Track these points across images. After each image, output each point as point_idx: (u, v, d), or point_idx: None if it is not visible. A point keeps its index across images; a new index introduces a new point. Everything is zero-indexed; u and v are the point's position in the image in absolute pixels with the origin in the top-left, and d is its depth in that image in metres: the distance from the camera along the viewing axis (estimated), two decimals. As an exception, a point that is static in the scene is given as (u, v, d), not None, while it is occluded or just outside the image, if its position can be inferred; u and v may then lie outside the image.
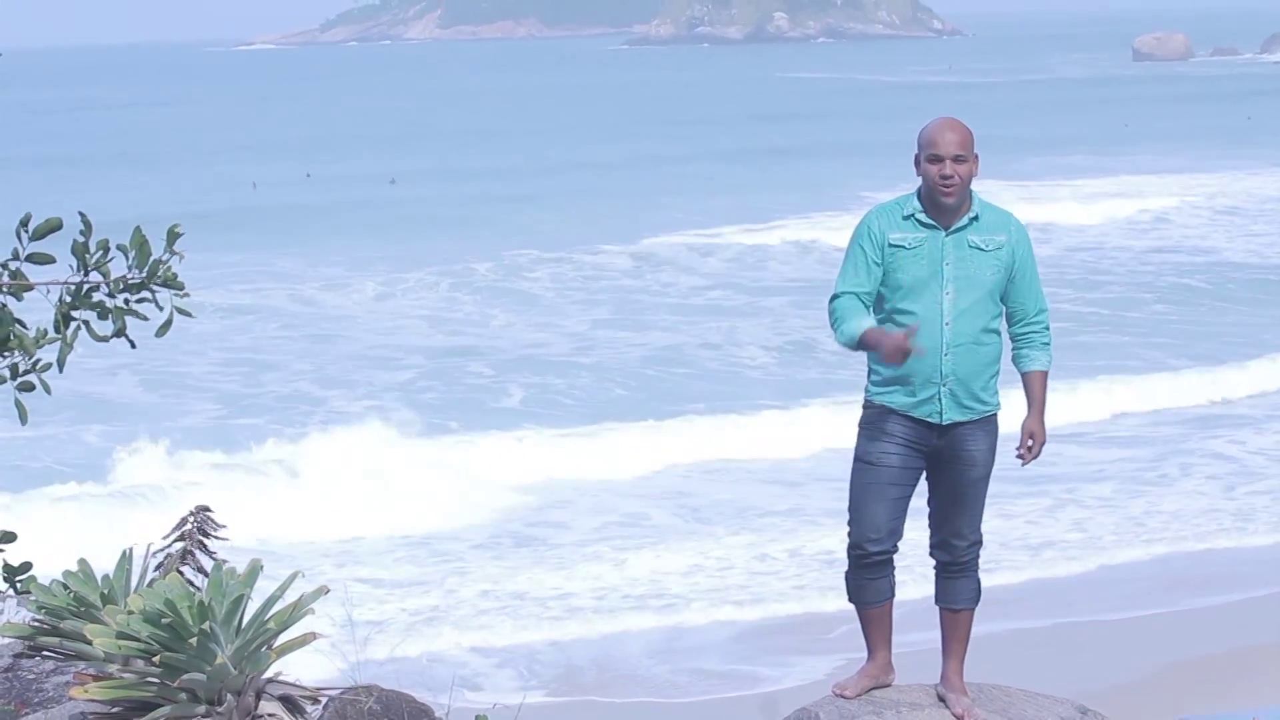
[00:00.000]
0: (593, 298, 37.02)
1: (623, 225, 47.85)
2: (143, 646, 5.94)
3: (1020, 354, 6.88)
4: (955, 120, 6.77)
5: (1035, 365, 6.86)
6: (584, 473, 22.59)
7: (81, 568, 6.54)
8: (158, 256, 4.85)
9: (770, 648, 16.08)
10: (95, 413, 26.09)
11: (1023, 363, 6.88)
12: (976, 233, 6.74)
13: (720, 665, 15.77)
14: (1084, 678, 14.22)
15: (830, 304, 6.75)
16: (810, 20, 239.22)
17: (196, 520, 8.37)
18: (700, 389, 27.69)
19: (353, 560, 19.06)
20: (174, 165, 72.72)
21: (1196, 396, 26.03)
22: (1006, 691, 7.24)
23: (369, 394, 27.74)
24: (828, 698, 7.04)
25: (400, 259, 42.22)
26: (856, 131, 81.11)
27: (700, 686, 15.30)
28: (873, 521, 6.82)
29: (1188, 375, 27.43)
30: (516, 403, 27.30)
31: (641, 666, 15.85)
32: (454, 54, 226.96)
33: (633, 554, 19.03)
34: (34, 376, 4.87)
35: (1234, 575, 17.92)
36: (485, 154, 73.97)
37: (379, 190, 60.59)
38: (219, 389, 28.38)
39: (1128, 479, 21.75)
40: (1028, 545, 18.95)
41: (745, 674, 15.51)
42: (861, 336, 6.57)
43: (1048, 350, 6.88)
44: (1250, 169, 60.27)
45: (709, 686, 15.29)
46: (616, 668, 15.87)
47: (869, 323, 6.61)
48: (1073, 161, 64.44)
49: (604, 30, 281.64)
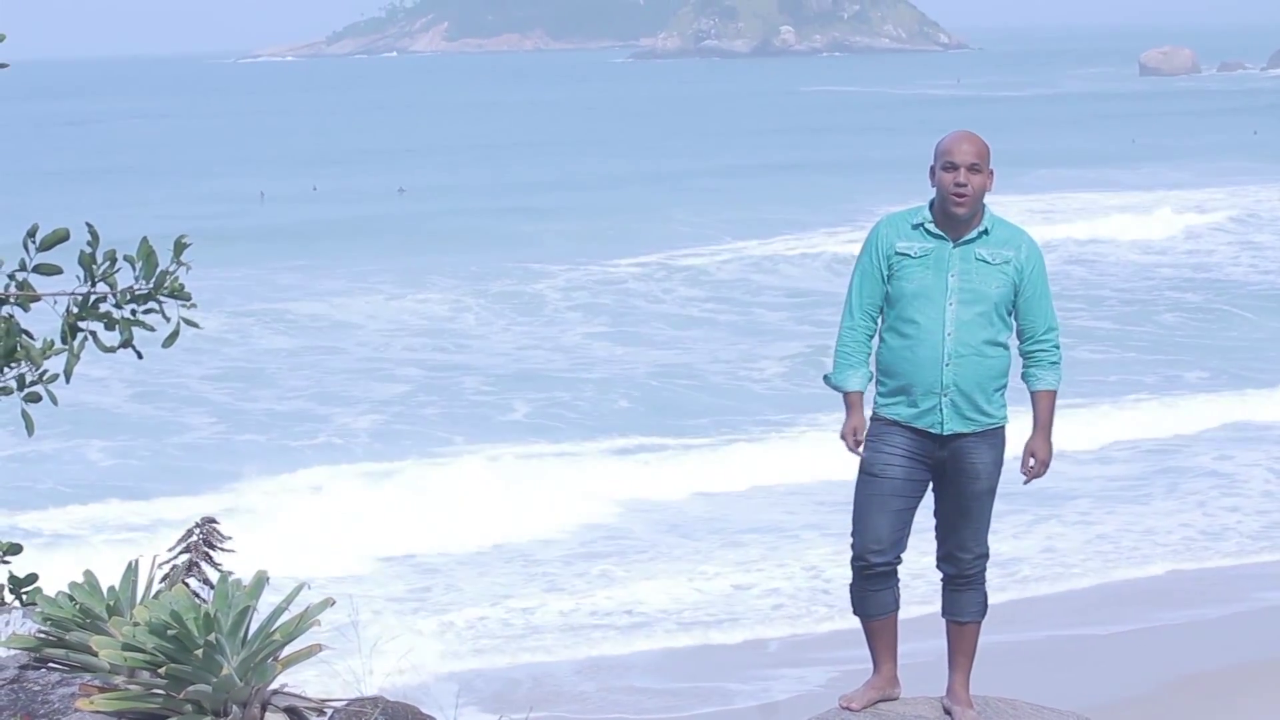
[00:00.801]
0: (630, 312, 36.88)
1: (655, 236, 47.94)
2: (148, 658, 5.94)
3: (1028, 373, 6.88)
4: (973, 133, 6.80)
5: (1041, 385, 6.85)
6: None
7: (87, 579, 6.55)
8: (165, 267, 4.86)
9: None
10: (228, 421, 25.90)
11: (1030, 382, 6.88)
12: (985, 246, 6.74)
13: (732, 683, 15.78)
14: (1089, 691, 14.20)
15: (841, 329, 6.86)
16: (816, 34, 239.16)
17: (202, 532, 8.37)
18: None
19: (360, 573, 19.04)
20: (179, 178, 72.74)
21: (1208, 415, 26.00)
22: (1012, 704, 7.22)
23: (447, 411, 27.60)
24: (834, 710, 7.02)
25: (435, 270, 42.11)
26: (868, 146, 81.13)
27: (709, 701, 15.30)
28: (875, 533, 6.81)
29: (1199, 392, 27.42)
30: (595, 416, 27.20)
31: (638, 682, 15.84)
32: (461, 67, 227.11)
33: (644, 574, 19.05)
34: (41, 388, 4.88)
35: (1238, 591, 17.91)
36: (495, 167, 73.97)
37: (387, 201, 60.66)
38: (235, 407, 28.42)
39: (1132, 493, 21.74)
40: (1032, 560, 18.94)
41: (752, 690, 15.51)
42: (845, 399, 6.84)
43: (1056, 370, 6.86)
44: (1259, 183, 60.27)
45: (718, 700, 15.30)
46: (610, 683, 15.87)
47: (856, 386, 6.82)
48: (1080, 175, 64.44)
49: (610, 43, 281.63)
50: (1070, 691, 13.36)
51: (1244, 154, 71.67)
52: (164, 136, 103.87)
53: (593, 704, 15.36)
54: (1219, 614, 17.13)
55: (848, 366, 6.82)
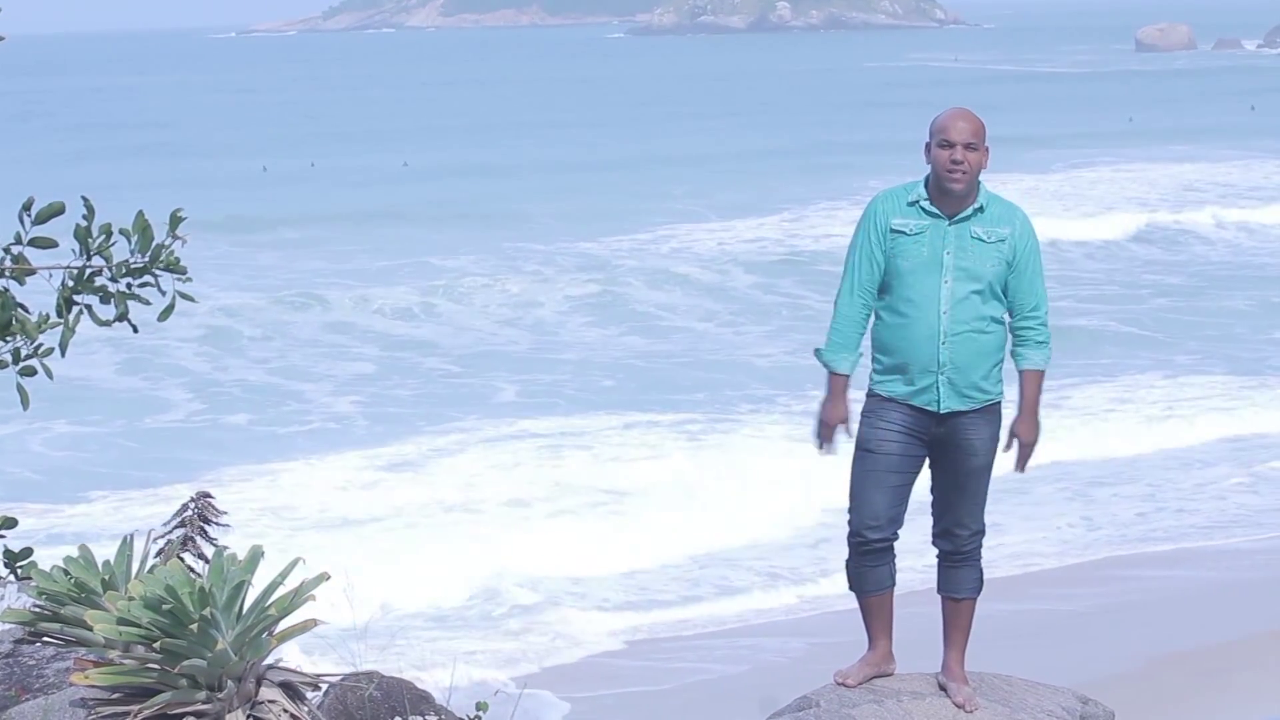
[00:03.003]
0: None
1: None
2: (143, 632, 5.94)
3: (1015, 352, 6.84)
4: (968, 110, 6.79)
5: (1028, 364, 6.83)
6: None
7: (82, 554, 6.55)
8: (160, 241, 4.85)
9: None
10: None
11: (1018, 361, 6.85)
12: (980, 224, 6.73)
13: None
14: (1085, 667, 14.21)
15: (838, 306, 6.82)
16: (813, 10, 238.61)
17: (197, 507, 8.37)
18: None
19: (355, 544, 19.04)
20: (175, 153, 72.55)
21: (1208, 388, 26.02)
22: (1008, 681, 7.23)
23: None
24: (829, 686, 7.04)
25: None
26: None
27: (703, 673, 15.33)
28: (871, 509, 6.81)
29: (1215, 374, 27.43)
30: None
31: (619, 662, 15.88)
32: (458, 42, 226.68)
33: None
34: (36, 361, 4.87)
35: (1237, 566, 17.94)
36: (494, 146, 73.71)
37: (392, 175, 60.42)
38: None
39: (1140, 472, 21.77)
40: (1032, 534, 18.96)
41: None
42: (829, 381, 6.79)
43: (1043, 349, 6.83)
44: (1255, 159, 60.26)
45: (712, 671, 15.32)
46: (596, 656, 15.91)
47: (846, 370, 6.79)
48: (1079, 153, 64.37)
49: (607, 19, 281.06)
50: (1066, 667, 13.37)
51: (1241, 130, 71.53)
52: (159, 111, 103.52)
53: (585, 677, 15.38)
54: (1216, 589, 17.16)
55: (842, 347, 6.79)
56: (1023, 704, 7.02)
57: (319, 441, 24.31)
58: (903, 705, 6.84)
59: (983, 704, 6.93)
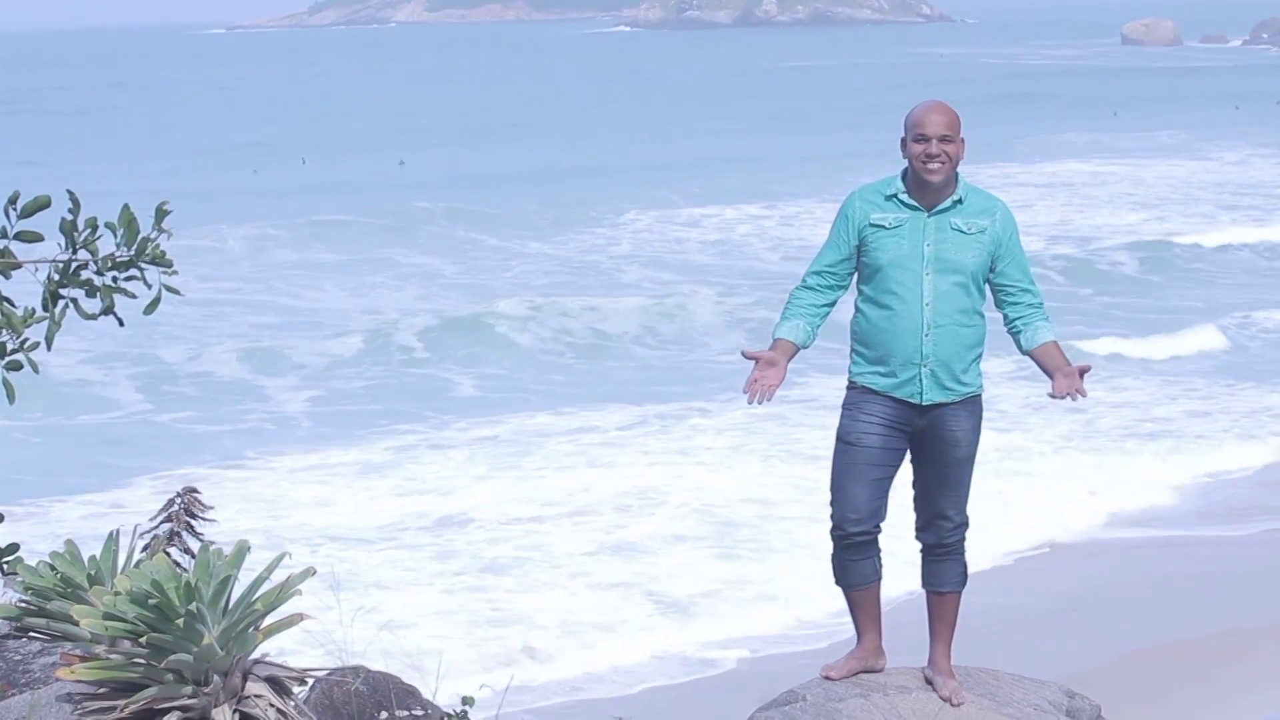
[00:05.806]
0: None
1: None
2: (129, 627, 5.93)
3: (1029, 329, 6.76)
4: (943, 103, 6.77)
5: (1050, 334, 6.77)
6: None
7: (68, 548, 6.53)
8: (146, 234, 4.84)
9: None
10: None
11: (1038, 334, 6.76)
12: (960, 215, 6.72)
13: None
14: (1071, 661, 14.24)
15: (797, 286, 6.84)
16: (799, 5, 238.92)
17: (183, 501, 8.36)
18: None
19: (337, 541, 19.02)
20: (162, 152, 72.32)
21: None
22: (994, 675, 7.24)
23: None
24: (815, 680, 7.03)
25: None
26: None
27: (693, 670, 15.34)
28: (852, 502, 6.79)
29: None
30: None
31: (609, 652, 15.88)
32: (443, 38, 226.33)
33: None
34: (22, 355, 4.85)
35: (1219, 558, 17.98)
36: (492, 142, 73.58)
37: (389, 174, 60.33)
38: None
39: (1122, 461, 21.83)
40: (1014, 524, 18.97)
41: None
42: (774, 342, 6.74)
43: (1051, 325, 6.84)
44: (1239, 154, 60.38)
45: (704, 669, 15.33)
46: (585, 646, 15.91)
47: (782, 335, 6.74)
48: (1065, 142, 64.52)
49: (593, 13, 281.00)
50: (1052, 661, 13.39)
51: (1225, 126, 71.65)
52: (145, 109, 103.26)
53: (571, 673, 15.38)
54: (1200, 582, 17.18)
55: (784, 318, 6.78)
56: (1009, 698, 7.02)
57: (300, 437, 24.32)
58: (889, 699, 6.84)
59: (969, 698, 6.92)
